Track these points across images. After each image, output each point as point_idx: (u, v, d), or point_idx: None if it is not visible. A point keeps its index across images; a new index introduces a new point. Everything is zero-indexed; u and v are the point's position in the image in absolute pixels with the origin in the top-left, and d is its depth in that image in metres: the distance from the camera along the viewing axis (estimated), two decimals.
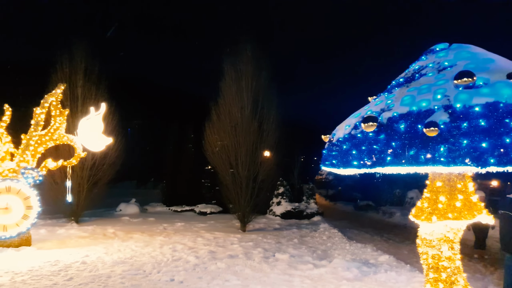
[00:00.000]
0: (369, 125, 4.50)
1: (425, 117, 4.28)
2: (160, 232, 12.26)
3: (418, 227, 5.27)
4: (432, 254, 5.10)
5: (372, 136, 4.64)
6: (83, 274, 7.12)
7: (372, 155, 4.61)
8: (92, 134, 10.83)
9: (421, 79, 5.07)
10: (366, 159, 4.66)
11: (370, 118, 4.52)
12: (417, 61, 5.69)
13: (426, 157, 4.14)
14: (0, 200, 9.46)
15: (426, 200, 5.19)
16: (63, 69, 14.20)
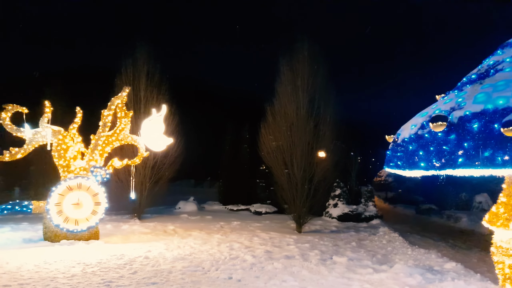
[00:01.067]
0: (438, 124, 4.23)
1: (503, 116, 3.94)
2: (217, 230, 12.54)
3: (492, 233, 4.85)
4: (509, 264, 4.68)
5: (442, 136, 4.36)
6: (146, 269, 7.46)
7: (442, 156, 4.33)
8: (154, 135, 11.35)
9: (497, 75, 4.67)
10: (434, 161, 4.39)
11: (439, 117, 4.25)
12: (492, 55, 5.24)
13: (504, 158, 3.81)
14: (72, 196, 10.20)
15: (502, 205, 4.77)
16: (127, 73, 15.05)
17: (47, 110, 10.45)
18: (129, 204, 14.67)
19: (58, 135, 10.49)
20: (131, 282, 6.51)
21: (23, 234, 11.03)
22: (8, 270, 7.07)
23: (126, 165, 11.49)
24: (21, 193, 25.26)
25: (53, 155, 10.52)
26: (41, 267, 7.33)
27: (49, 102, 10.52)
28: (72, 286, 6.21)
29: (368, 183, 23.65)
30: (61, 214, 9.98)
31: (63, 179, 10.33)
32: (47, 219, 10.00)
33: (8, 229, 11.85)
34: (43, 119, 10.40)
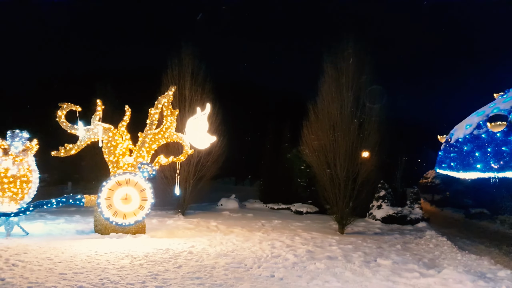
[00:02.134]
0: (497, 124, 3.97)
1: None
2: (258, 228, 12.60)
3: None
4: None
5: (500, 137, 4.09)
6: (191, 263, 7.64)
7: (500, 158, 4.07)
8: (198, 133, 11.58)
9: None
10: (492, 162, 4.13)
11: (498, 117, 3.99)
12: None
13: None
14: (121, 191, 10.66)
15: None
16: (173, 73, 15.49)
17: (98, 108, 10.97)
18: (174, 200, 15.10)
19: (108, 132, 10.99)
20: (176, 276, 6.69)
21: (76, 226, 11.71)
22: (63, 259, 7.52)
23: (171, 162, 11.81)
24: (73, 187, 26.79)
25: (104, 151, 11.03)
26: (93, 257, 7.73)
27: (100, 101, 11.04)
28: (122, 277, 6.48)
29: (414, 184, 22.71)
30: (111, 208, 10.47)
31: (113, 174, 10.81)
32: (98, 213, 10.52)
33: (62, 220, 12.62)
34: (95, 117, 10.94)
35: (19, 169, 10.28)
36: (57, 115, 10.67)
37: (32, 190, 10.43)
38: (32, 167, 10.48)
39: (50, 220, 12.52)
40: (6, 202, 10.11)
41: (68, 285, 5.87)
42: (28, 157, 10.44)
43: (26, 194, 10.32)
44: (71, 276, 6.40)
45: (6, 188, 10.10)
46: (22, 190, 10.28)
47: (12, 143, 10.33)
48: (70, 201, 10.71)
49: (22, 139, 10.45)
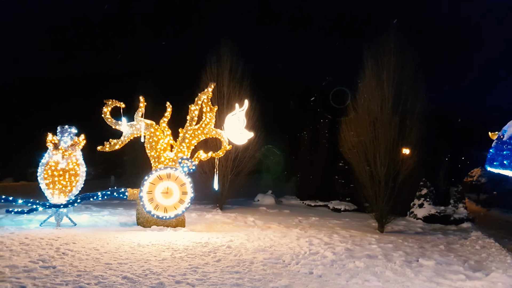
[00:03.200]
0: None
1: None
2: (295, 224, 12.56)
3: None
4: None
5: None
6: (229, 258, 7.73)
7: None
8: (236, 129, 11.68)
9: None
10: None
11: None
12: None
13: None
14: (162, 185, 10.96)
15: None
16: (212, 69, 15.71)
17: (141, 105, 11.33)
18: (212, 195, 15.35)
19: (150, 128, 11.33)
20: (215, 270, 6.80)
21: (119, 218, 12.20)
22: (108, 250, 7.86)
23: (210, 158, 12.00)
24: (116, 181, 27.93)
25: (146, 146, 11.39)
26: (135, 249, 8.02)
27: (143, 98, 11.39)
28: (163, 269, 6.68)
29: (458, 183, 21.72)
30: (152, 201, 10.80)
31: (154, 169, 11.13)
32: (140, 206, 10.89)
33: (107, 213, 13.19)
34: (138, 113, 11.30)
35: (68, 163, 10.84)
36: (103, 112, 11.12)
37: (80, 183, 10.97)
38: (79, 161, 11.01)
39: (96, 212, 13.13)
40: (56, 194, 10.70)
41: (114, 275, 6.13)
42: (76, 151, 10.98)
43: (74, 187, 10.87)
44: (116, 266, 6.67)
45: (56, 181, 10.69)
46: (71, 183, 10.84)
47: (61, 138, 10.91)
48: (114, 194, 11.15)
49: (70, 135, 11.00)
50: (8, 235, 8.95)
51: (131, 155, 20.90)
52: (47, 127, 11.30)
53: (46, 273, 6.11)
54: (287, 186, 25.46)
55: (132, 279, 5.94)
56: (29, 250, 7.55)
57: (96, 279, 5.85)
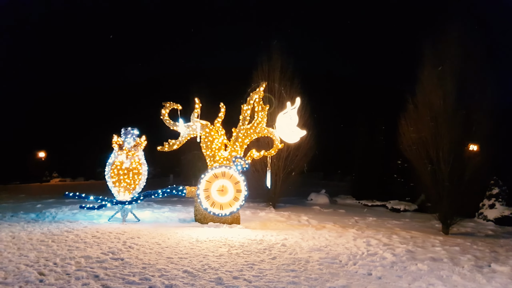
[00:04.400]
0: None
1: None
2: (352, 224, 12.24)
3: None
4: None
5: None
6: (284, 256, 7.72)
7: None
8: (288, 127, 11.65)
9: None
10: None
11: None
12: None
13: None
14: (218, 183, 11.23)
15: None
16: (263, 69, 15.81)
17: (196, 106, 11.70)
18: (265, 193, 15.46)
19: (205, 128, 11.66)
20: (271, 267, 6.83)
21: (178, 215, 12.70)
22: (169, 244, 8.21)
23: (262, 156, 12.08)
24: (174, 179, 29.16)
25: (201, 146, 11.74)
26: (194, 244, 8.30)
27: (198, 99, 11.75)
28: (221, 264, 6.83)
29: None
30: (209, 199, 11.10)
31: (210, 168, 11.44)
32: (198, 203, 11.25)
33: (167, 209, 13.80)
34: (194, 114, 11.68)
35: (131, 163, 11.49)
36: (161, 113, 11.64)
37: (142, 181, 11.58)
38: (142, 161, 11.63)
39: (157, 209, 13.79)
40: (122, 191, 11.39)
41: (175, 268, 6.38)
42: (138, 151, 11.62)
43: (137, 185, 11.50)
44: (177, 260, 6.94)
45: (121, 179, 11.38)
46: (134, 181, 11.48)
47: (125, 139, 11.60)
48: (174, 192, 11.63)
49: (133, 136, 11.66)
50: (82, 228, 9.74)
51: (188, 155, 21.65)
52: (113, 130, 12.07)
53: (116, 264, 6.53)
54: (341, 185, 24.93)
55: (192, 273, 6.15)
56: (100, 242, 8.13)
57: (159, 272, 6.14)
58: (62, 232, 9.29)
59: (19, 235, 8.88)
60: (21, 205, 15.20)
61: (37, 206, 14.76)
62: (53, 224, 10.48)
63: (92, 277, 5.80)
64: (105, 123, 42.02)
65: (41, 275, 5.84)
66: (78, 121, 44.33)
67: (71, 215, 12.29)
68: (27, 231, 9.42)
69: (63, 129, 43.76)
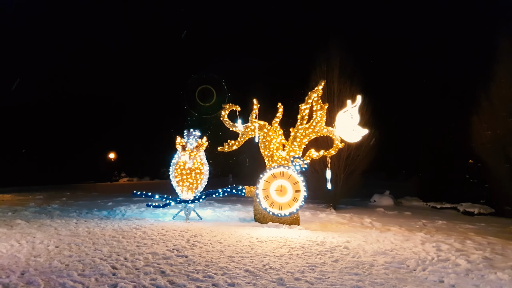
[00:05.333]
0: None
1: None
2: (419, 228, 11.55)
3: None
4: None
5: None
6: (347, 259, 7.48)
7: None
8: (349, 126, 11.29)
9: None
10: None
11: None
12: None
13: None
14: (276, 183, 11.22)
15: None
16: (321, 67, 15.52)
17: (254, 107, 11.79)
18: (325, 194, 15.16)
19: (263, 128, 11.71)
20: (334, 270, 6.64)
21: (238, 214, 12.89)
22: (231, 243, 8.35)
23: (322, 156, 11.85)
24: (233, 179, 29.75)
25: (260, 146, 11.81)
26: (254, 244, 8.34)
27: (256, 100, 11.83)
28: (282, 265, 6.79)
29: None
30: (268, 199, 11.13)
31: (268, 168, 11.47)
32: (257, 203, 11.33)
33: (227, 208, 14.08)
34: (252, 115, 11.79)
35: (194, 163, 11.89)
36: (221, 115, 11.91)
37: (204, 181, 11.94)
38: (203, 161, 11.99)
39: (217, 208, 14.13)
40: (185, 190, 11.83)
41: (237, 267, 6.46)
42: (200, 152, 12.00)
43: (199, 184, 11.87)
44: (238, 259, 7.02)
45: (185, 178, 11.83)
46: (196, 181, 11.86)
47: (188, 141, 12.04)
48: (233, 191, 11.82)
49: (195, 137, 12.06)
50: (149, 226, 10.28)
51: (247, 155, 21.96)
52: (176, 131, 12.62)
53: (180, 261, 6.77)
54: (406, 186, 23.67)
55: (254, 273, 6.18)
56: (165, 240, 8.51)
57: (222, 270, 6.25)
58: (131, 229, 9.86)
59: (93, 230, 9.58)
60: (94, 203, 16.43)
61: (108, 204, 15.86)
62: (123, 221, 11.18)
63: (159, 272, 6.07)
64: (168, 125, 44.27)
65: (113, 268, 6.23)
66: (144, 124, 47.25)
67: (138, 213, 13.03)
68: (100, 227, 10.14)
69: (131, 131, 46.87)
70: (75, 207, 14.69)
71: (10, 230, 9.64)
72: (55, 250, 7.48)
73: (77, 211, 13.53)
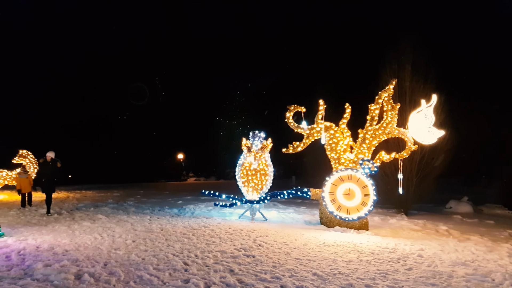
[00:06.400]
0: None
1: None
2: (504, 238, 10.49)
3: None
4: None
5: None
6: (422, 267, 7.02)
7: None
8: (423, 127, 10.64)
9: None
10: None
11: None
12: None
13: None
14: (343, 186, 10.89)
15: None
16: (391, 65, 14.80)
17: (320, 108, 11.58)
18: (395, 199, 14.43)
19: (330, 130, 11.46)
20: (407, 278, 6.27)
21: (303, 217, 12.75)
22: (297, 245, 8.26)
23: (393, 159, 11.30)
24: (296, 181, 29.56)
25: (326, 148, 11.56)
26: (321, 248, 8.17)
27: (322, 101, 11.62)
28: (351, 270, 6.55)
29: None
30: (334, 202, 10.86)
31: (335, 170, 11.18)
32: (323, 206, 11.10)
33: (292, 210, 14.00)
34: (318, 116, 11.59)
35: (259, 164, 12.00)
36: (286, 116, 11.87)
37: (269, 182, 12.00)
38: (268, 162, 12.05)
39: (282, 209, 14.11)
40: (250, 191, 11.99)
41: (304, 270, 6.36)
42: (265, 153, 12.08)
43: (264, 185, 11.96)
44: (305, 262, 6.92)
45: (250, 179, 11.99)
46: (261, 182, 11.96)
47: (253, 142, 12.19)
48: (298, 193, 11.72)
49: (260, 139, 12.17)
50: (217, 224, 10.58)
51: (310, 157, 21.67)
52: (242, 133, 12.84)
53: (248, 260, 6.86)
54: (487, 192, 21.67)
55: (322, 277, 6.04)
56: (233, 239, 8.69)
57: (289, 272, 6.20)
58: (200, 227, 10.22)
59: (166, 227, 10.09)
60: (166, 201, 17.34)
61: (178, 202, 16.64)
62: (192, 219, 11.63)
63: (228, 271, 6.19)
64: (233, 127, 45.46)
65: (185, 264, 6.49)
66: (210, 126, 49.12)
67: (206, 211, 13.48)
68: (172, 224, 10.65)
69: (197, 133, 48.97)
70: (148, 205, 15.62)
71: (93, 224, 10.52)
72: (132, 245, 7.99)
73: (150, 208, 14.37)
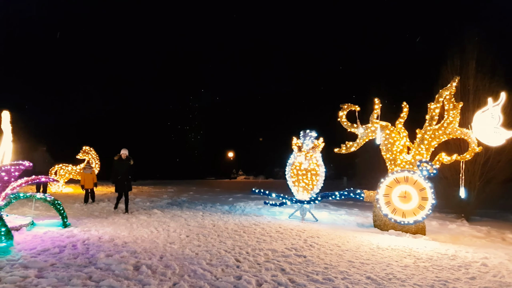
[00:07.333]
0: None
1: None
2: None
3: None
4: None
5: None
6: (486, 277, 6.55)
7: None
8: (489, 128, 9.92)
9: None
10: None
11: None
12: None
13: None
14: (399, 188, 10.46)
15: None
16: (453, 62, 13.95)
17: (376, 107, 11.20)
18: (455, 203, 13.59)
19: (385, 130, 11.05)
20: None
21: (356, 219, 12.42)
22: (349, 248, 8.07)
23: (454, 161, 10.65)
24: (348, 182, 28.87)
25: (381, 148, 11.16)
26: (375, 251, 7.91)
27: (378, 99, 11.24)
28: (407, 276, 6.28)
29: None
30: (389, 205, 10.46)
31: (390, 172, 10.77)
32: (377, 208, 10.74)
33: (343, 212, 13.70)
34: (373, 115, 11.23)
35: (309, 164, 11.87)
36: (339, 115, 11.64)
37: (320, 182, 11.83)
38: (319, 162, 11.89)
39: (333, 211, 13.85)
40: (300, 191, 11.90)
41: (357, 273, 6.20)
42: (316, 153, 11.93)
43: (315, 186, 11.81)
44: (358, 265, 6.74)
45: (300, 179, 11.90)
46: (312, 182, 11.83)
47: (304, 141, 12.09)
48: (351, 195, 11.44)
49: (311, 138, 12.04)
50: (267, 223, 10.64)
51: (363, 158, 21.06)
52: (293, 132, 12.78)
53: (299, 260, 6.82)
54: None
55: (376, 281, 5.85)
56: (283, 238, 8.68)
57: (342, 274, 6.07)
58: (251, 224, 10.33)
59: (217, 223, 10.32)
60: (217, 198, 17.73)
61: (229, 200, 16.94)
62: (242, 216, 11.79)
63: (279, 270, 6.19)
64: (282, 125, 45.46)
65: (237, 261, 6.59)
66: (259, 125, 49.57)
67: (256, 209, 13.59)
68: (223, 220, 10.87)
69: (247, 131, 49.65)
70: (201, 201, 16.07)
71: (149, 218, 11.03)
72: (186, 239, 8.27)
73: (202, 204, 14.78)
